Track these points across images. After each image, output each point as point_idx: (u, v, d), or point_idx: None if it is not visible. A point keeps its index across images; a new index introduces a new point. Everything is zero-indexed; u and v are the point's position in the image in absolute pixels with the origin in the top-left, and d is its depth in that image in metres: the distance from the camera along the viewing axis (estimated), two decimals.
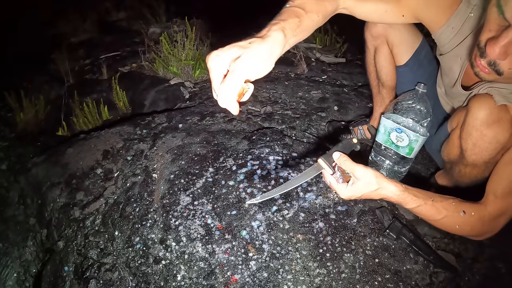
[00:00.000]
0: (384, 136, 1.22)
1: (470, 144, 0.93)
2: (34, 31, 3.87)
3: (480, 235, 0.93)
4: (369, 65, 1.36)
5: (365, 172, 0.81)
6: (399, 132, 1.15)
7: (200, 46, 2.46)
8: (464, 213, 0.86)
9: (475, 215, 0.87)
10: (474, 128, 0.90)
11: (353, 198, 0.86)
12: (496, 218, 0.88)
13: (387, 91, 1.35)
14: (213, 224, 1.16)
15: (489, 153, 0.91)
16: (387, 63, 1.27)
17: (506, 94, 0.87)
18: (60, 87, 2.73)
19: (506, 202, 0.87)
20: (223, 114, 1.75)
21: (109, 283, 1.11)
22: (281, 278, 1.00)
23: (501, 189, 0.88)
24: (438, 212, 0.86)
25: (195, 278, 1.03)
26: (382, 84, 1.34)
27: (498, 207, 0.87)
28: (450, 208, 0.86)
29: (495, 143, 0.88)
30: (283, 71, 2.50)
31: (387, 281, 1.00)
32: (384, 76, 1.30)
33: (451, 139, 1.06)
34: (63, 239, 1.34)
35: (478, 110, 0.89)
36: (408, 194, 0.84)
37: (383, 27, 1.19)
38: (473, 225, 0.88)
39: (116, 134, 1.69)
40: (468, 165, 1.00)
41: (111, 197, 1.39)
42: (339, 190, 0.84)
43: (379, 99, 1.41)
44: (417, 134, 1.11)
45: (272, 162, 1.34)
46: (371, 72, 1.37)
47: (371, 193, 0.83)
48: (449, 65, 1.09)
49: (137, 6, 4.24)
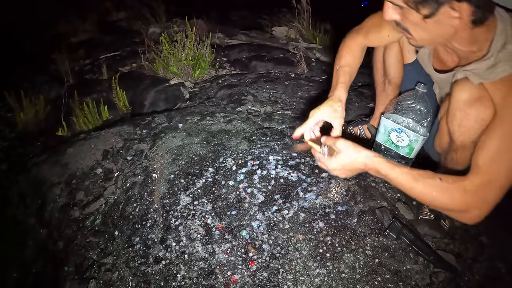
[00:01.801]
0: (384, 136, 1.22)
1: (456, 125, 0.96)
2: (34, 31, 3.87)
3: (465, 209, 0.87)
4: (377, 62, 1.36)
5: (345, 143, 0.94)
6: (399, 132, 1.16)
7: (200, 46, 2.46)
8: (441, 180, 0.86)
9: (454, 184, 0.86)
10: (458, 109, 0.94)
11: (340, 171, 0.97)
12: (481, 189, 0.84)
13: (392, 89, 1.36)
14: (213, 224, 1.16)
15: (475, 132, 0.93)
16: (397, 61, 1.29)
17: (480, 72, 0.89)
18: (60, 87, 2.73)
19: (490, 171, 0.85)
20: (223, 114, 1.75)
21: (109, 283, 1.11)
22: (281, 278, 1.00)
23: (482, 159, 0.86)
24: (414, 179, 0.88)
25: (195, 278, 1.03)
26: (389, 81, 1.34)
27: (481, 176, 0.85)
28: (427, 174, 0.88)
29: (479, 121, 0.91)
30: (283, 71, 2.50)
31: (387, 281, 1.00)
32: (393, 73, 1.32)
33: (441, 127, 1.10)
34: (63, 239, 1.34)
35: (459, 92, 0.93)
36: (384, 160, 0.91)
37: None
38: (453, 194, 0.86)
39: (116, 134, 1.69)
40: (458, 149, 1.01)
41: (111, 197, 1.39)
42: (326, 163, 0.98)
43: (383, 97, 1.41)
44: (417, 134, 1.12)
45: (272, 162, 1.34)
46: (378, 69, 1.37)
47: (353, 162, 0.94)
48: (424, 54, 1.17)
49: (137, 6, 4.25)
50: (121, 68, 2.88)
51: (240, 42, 3.20)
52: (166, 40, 2.33)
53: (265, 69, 2.60)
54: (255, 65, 2.67)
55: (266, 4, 4.01)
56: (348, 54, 1.18)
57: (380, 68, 1.36)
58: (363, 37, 1.19)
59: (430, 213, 1.20)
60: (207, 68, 2.53)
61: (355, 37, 1.20)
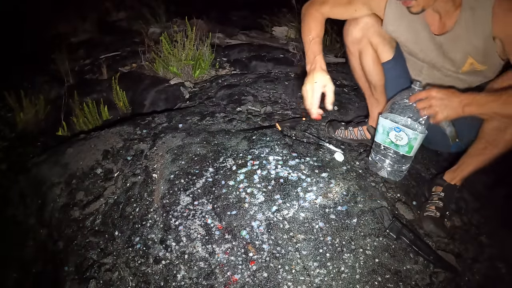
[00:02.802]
0: (383, 136, 1.22)
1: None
2: (34, 31, 3.87)
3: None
4: (357, 70, 1.36)
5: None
6: (398, 131, 1.16)
7: (200, 46, 2.46)
8: None
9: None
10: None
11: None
12: None
13: (379, 92, 1.35)
14: (213, 224, 1.16)
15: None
16: (374, 64, 1.27)
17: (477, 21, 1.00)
18: (60, 87, 2.73)
19: None
20: (223, 114, 1.75)
21: (109, 283, 1.11)
22: (281, 278, 1.00)
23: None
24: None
25: (195, 278, 1.03)
26: (374, 86, 1.34)
27: None
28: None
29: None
30: (283, 71, 2.50)
31: (387, 281, 1.00)
32: (375, 77, 1.30)
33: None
34: (63, 239, 1.34)
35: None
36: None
37: (363, 29, 1.21)
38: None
39: (116, 134, 1.69)
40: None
41: (111, 197, 1.39)
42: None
43: (373, 101, 1.42)
44: (416, 132, 1.12)
45: (272, 162, 1.34)
46: (360, 77, 1.37)
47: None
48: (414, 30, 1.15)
49: (137, 6, 4.24)
50: (121, 68, 2.88)
51: (240, 42, 3.20)
52: (166, 40, 2.33)
53: (265, 69, 2.60)
54: (255, 65, 2.67)
55: (266, 4, 4.01)
56: (318, 26, 1.22)
57: (361, 75, 1.36)
58: (329, 8, 1.22)
59: (436, 211, 1.20)
60: (207, 68, 2.53)
61: (320, 8, 1.22)
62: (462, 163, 1.25)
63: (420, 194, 1.35)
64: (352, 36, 1.24)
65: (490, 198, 1.47)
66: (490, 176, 1.55)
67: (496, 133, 1.09)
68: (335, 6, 1.21)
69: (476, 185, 1.50)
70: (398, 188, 1.32)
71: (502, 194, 1.48)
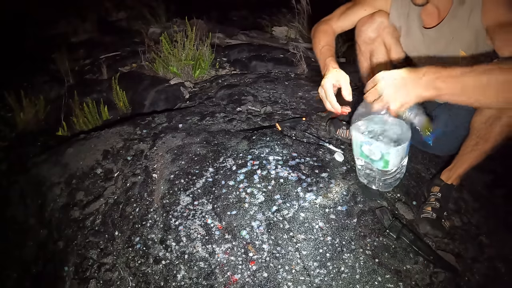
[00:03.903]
0: (357, 149, 1.07)
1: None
2: (34, 31, 3.87)
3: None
4: (365, 70, 1.36)
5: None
6: (369, 145, 0.98)
7: (200, 46, 2.46)
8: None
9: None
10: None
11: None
12: None
13: None
14: (213, 224, 1.16)
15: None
16: (387, 65, 1.28)
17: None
18: (60, 87, 2.73)
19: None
20: (223, 114, 1.75)
21: (109, 283, 1.11)
22: (281, 278, 1.00)
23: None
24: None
25: (195, 278, 1.03)
26: None
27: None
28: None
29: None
30: (283, 71, 2.50)
31: (387, 281, 1.00)
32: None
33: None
34: (63, 239, 1.34)
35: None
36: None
37: (378, 29, 1.22)
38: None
39: (116, 134, 1.69)
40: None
41: (111, 197, 1.39)
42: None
43: None
44: (388, 146, 0.94)
45: (272, 162, 1.34)
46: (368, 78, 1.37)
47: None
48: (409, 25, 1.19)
49: (137, 6, 4.24)
50: (121, 68, 2.88)
51: (240, 42, 3.20)
52: (166, 40, 2.33)
53: (265, 69, 2.60)
54: (255, 65, 2.67)
55: (266, 4, 4.01)
56: (326, 36, 1.27)
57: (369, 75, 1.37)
58: (337, 18, 1.29)
59: (432, 212, 1.20)
60: (207, 68, 2.53)
61: (328, 22, 1.31)
62: (457, 161, 1.24)
63: (420, 194, 1.35)
64: (366, 35, 1.26)
65: (489, 198, 1.47)
66: (489, 176, 1.55)
67: (485, 127, 1.06)
68: (342, 14, 1.27)
69: (475, 185, 1.50)
70: (398, 188, 1.32)
71: (501, 194, 1.48)
